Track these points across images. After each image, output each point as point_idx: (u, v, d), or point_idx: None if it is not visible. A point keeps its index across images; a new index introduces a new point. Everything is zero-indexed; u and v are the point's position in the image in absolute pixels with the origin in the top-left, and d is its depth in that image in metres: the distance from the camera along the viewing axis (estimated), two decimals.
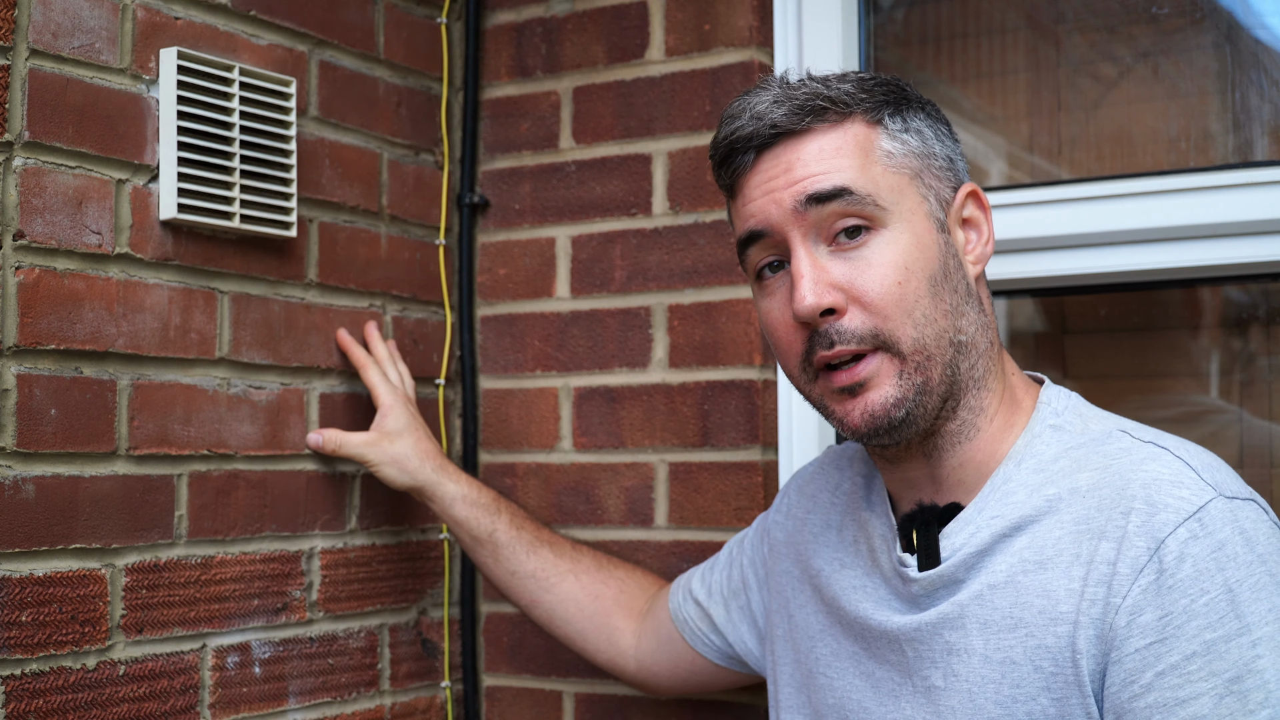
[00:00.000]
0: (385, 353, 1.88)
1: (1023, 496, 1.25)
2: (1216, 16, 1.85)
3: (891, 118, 1.28)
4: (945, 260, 1.26)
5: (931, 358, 1.24)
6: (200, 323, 1.70)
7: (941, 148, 1.31)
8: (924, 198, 1.27)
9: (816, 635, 1.42)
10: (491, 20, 2.12)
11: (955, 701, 1.24)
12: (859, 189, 1.24)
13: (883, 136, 1.27)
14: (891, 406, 1.23)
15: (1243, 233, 1.62)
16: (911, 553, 1.30)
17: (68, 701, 1.52)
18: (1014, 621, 1.21)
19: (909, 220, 1.25)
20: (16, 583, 1.48)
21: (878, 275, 1.23)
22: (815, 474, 1.54)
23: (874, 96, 1.28)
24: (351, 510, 1.90)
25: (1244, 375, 1.81)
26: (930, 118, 1.32)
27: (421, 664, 2.00)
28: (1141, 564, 1.14)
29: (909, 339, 1.23)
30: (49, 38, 1.53)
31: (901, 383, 1.23)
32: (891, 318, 1.23)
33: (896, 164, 1.27)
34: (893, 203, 1.25)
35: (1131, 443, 1.23)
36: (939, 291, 1.24)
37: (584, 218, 2.02)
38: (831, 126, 1.27)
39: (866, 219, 1.25)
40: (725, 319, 1.90)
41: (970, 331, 1.27)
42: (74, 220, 1.55)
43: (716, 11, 1.93)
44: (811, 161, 1.25)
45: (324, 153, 1.88)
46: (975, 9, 2.00)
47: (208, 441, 1.70)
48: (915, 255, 1.24)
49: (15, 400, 1.49)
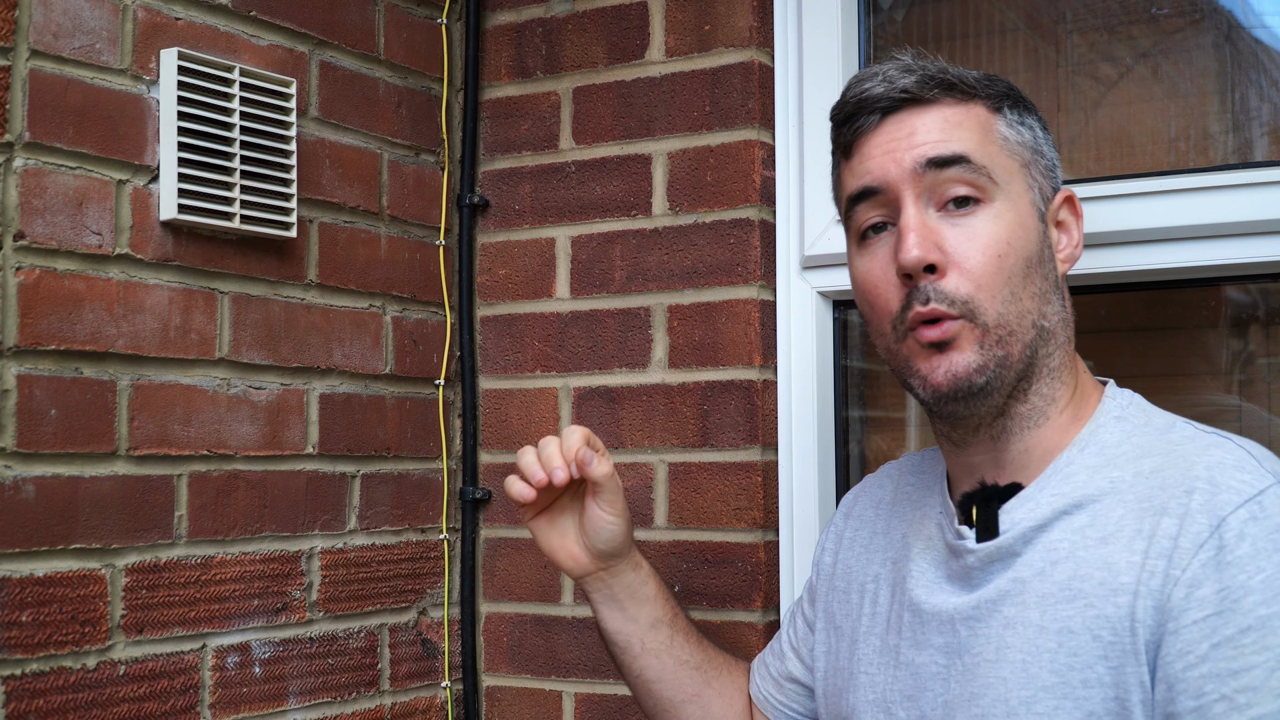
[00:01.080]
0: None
1: (1084, 478, 1.28)
2: (1216, 16, 1.85)
3: (1010, 109, 1.35)
4: (1041, 248, 1.32)
5: (1014, 334, 1.28)
6: (200, 323, 1.70)
7: (1048, 150, 1.37)
8: (1029, 186, 1.33)
9: (861, 636, 1.44)
10: (491, 20, 2.12)
11: (1007, 672, 1.25)
12: (977, 159, 1.30)
13: (1000, 123, 1.33)
14: (974, 371, 1.27)
15: (1243, 233, 1.62)
16: (970, 527, 1.33)
17: (68, 701, 1.52)
18: (1073, 593, 1.24)
19: (1016, 201, 1.31)
20: (16, 583, 1.48)
21: (980, 245, 1.28)
22: (859, 495, 1.57)
23: (996, 87, 1.35)
24: (351, 510, 1.90)
25: (1244, 375, 1.81)
26: (1040, 123, 1.38)
27: (421, 664, 2.00)
28: (1203, 539, 1.17)
29: (994, 312, 1.27)
30: (49, 38, 1.53)
31: (983, 351, 1.28)
32: (985, 287, 1.27)
33: (1011, 149, 1.33)
34: (1004, 180, 1.31)
35: (1195, 432, 1.28)
36: (1031, 274, 1.30)
37: (584, 218, 2.02)
38: (956, 102, 1.33)
39: (978, 190, 1.30)
40: (725, 319, 1.90)
41: (1053, 320, 1.32)
42: (74, 221, 1.55)
43: (716, 12, 1.93)
44: (935, 129, 1.31)
45: (324, 153, 1.88)
46: (975, 9, 2.00)
47: (208, 442, 1.70)
48: (1018, 234, 1.30)
49: (15, 400, 1.49)
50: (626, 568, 1.54)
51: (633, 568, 1.55)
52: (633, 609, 1.55)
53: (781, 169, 1.91)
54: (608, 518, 1.50)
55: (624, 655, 1.58)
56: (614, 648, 1.59)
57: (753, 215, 1.89)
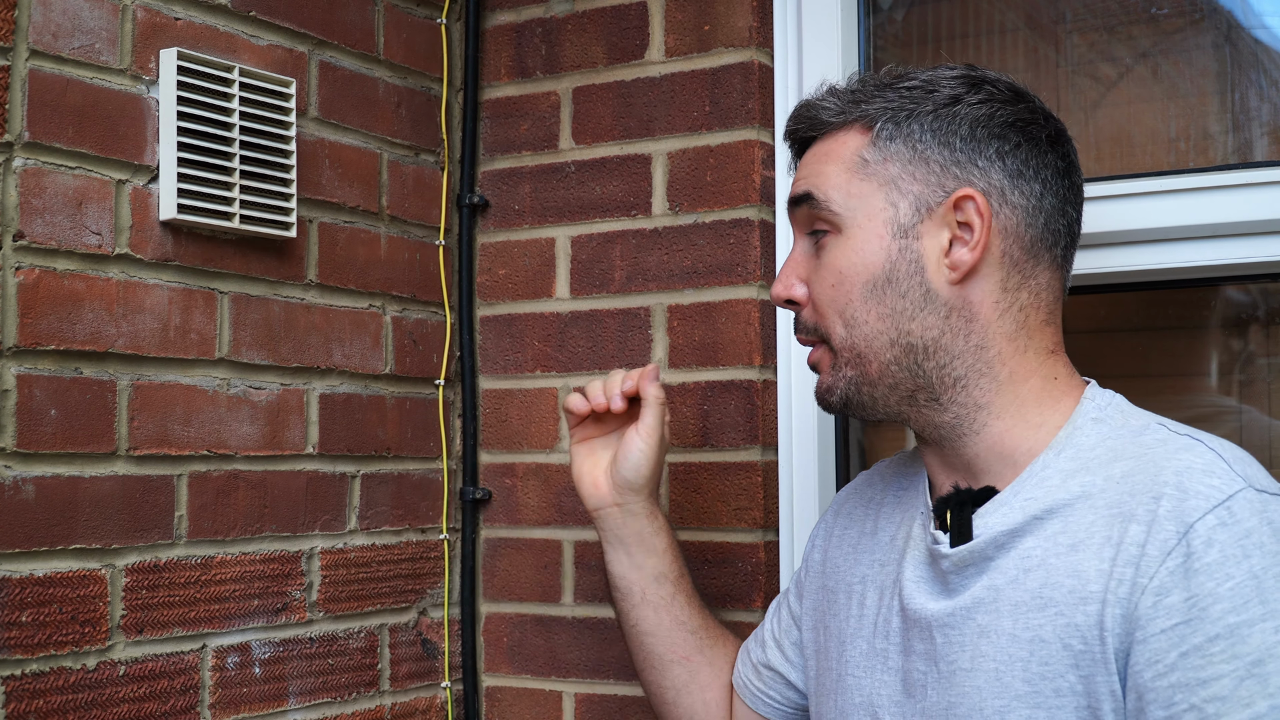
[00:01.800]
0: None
1: (1058, 482, 1.28)
2: (1216, 16, 1.85)
3: (887, 123, 1.33)
4: (894, 266, 1.31)
5: (862, 355, 1.33)
6: (200, 323, 1.70)
7: (940, 153, 1.32)
8: (890, 204, 1.32)
9: (849, 639, 1.44)
10: (491, 20, 2.12)
11: (981, 681, 1.25)
12: (818, 196, 1.35)
13: (868, 145, 1.34)
14: (826, 390, 1.37)
15: (1243, 233, 1.62)
16: (945, 531, 1.33)
17: (68, 702, 1.52)
18: (1044, 601, 1.23)
19: (860, 227, 1.33)
20: (16, 583, 1.48)
21: (820, 276, 1.35)
22: (850, 493, 1.58)
23: (876, 104, 1.35)
24: (351, 510, 1.90)
25: (1244, 375, 1.81)
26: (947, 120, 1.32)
27: (421, 664, 2.00)
28: (1170, 546, 1.16)
29: (838, 336, 1.34)
30: (49, 38, 1.53)
31: (835, 374, 1.36)
32: (825, 316, 1.35)
33: (869, 171, 1.33)
34: (848, 210, 1.33)
35: (1167, 434, 1.27)
36: (879, 296, 1.32)
37: (584, 218, 2.02)
38: (832, 133, 1.38)
39: (825, 223, 1.35)
40: (725, 319, 1.90)
41: (928, 334, 1.31)
42: (74, 221, 1.55)
43: (716, 12, 1.93)
44: (806, 165, 1.39)
45: (324, 153, 1.88)
46: (975, 9, 2.00)
47: (208, 442, 1.70)
48: (854, 261, 1.33)
49: (15, 400, 1.49)
50: (641, 511, 1.61)
51: (648, 514, 1.62)
52: (640, 556, 1.62)
53: (781, 169, 1.91)
54: (640, 442, 1.59)
55: (624, 601, 1.64)
56: (616, 592, 1.65)
57: (753, 215, 1.89)
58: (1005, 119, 1.33)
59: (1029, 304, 1.33)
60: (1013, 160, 1.32)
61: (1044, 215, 1.33)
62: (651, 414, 1.60)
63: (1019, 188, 1.32)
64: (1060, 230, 1.35)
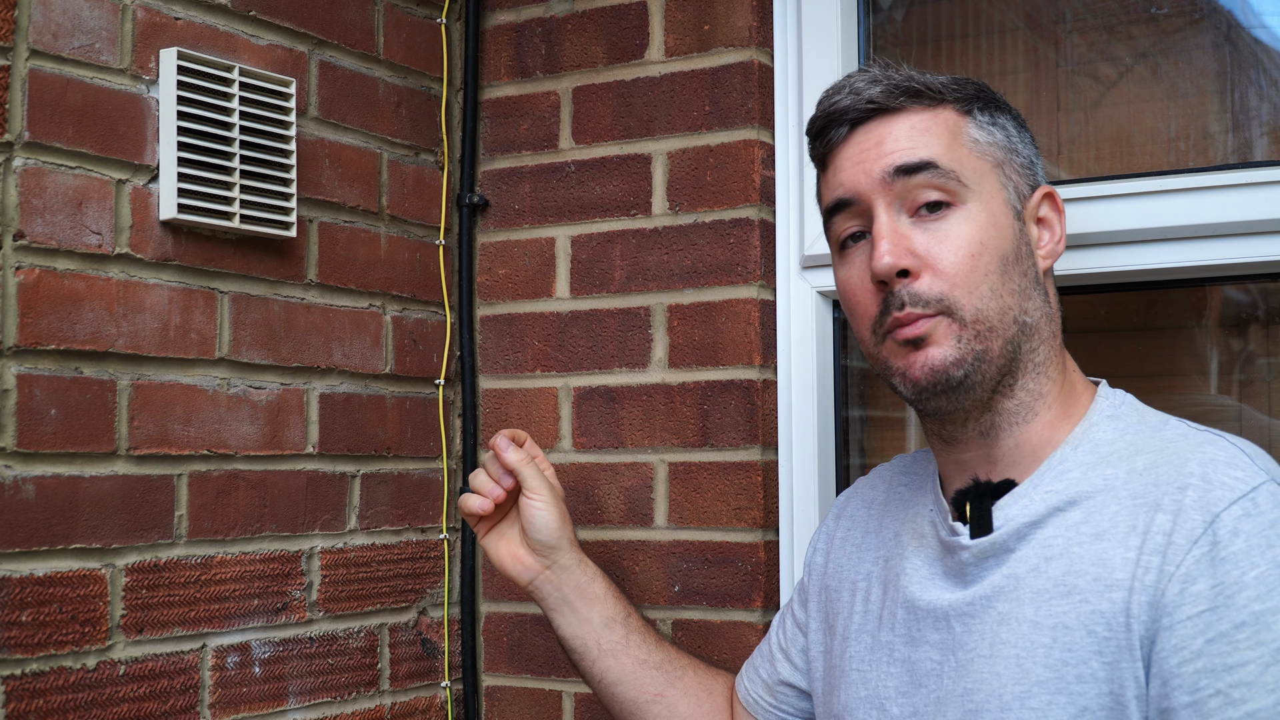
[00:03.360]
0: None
1: (1078, 474, 1.30)
2: (1216, 16, 1.85)
3: (980, 111, 1.37)
4: (1018, 245, 1.34)
5: (993, 329, 1.30)
6: (200, 323, 1.70)
7: (1024, 148, 1.39)
8: (1003, 185, 1.35)
9: (853, 635, 1.44)
10: (491, 20, 2.12)
11: (1001, 667, 1.26)
12: (944, 164, 1.32)
13: (970, 125, 1.35)
14: (951, 364, 1.29)
15: (1243, 233, 1.62)
16: (964, 524, 1.34)
17: (68, 701, 1.52)
18: (1067, 588, 1.24)
19: (988, 201, 1.33)
20: (16, 583, 1.48)
21: (953, 246, 1.31)
22: (851, 496, 1.59)
23: (965, 90, 1.37)
24: (351, 510, 1.90)
25: (1243, 375, 1.81)
26: (1015, 120, 1.40)
27: (421, 664, 2.00)
28: (1196, 535, 1.18)
29: (972, 308, 1.30)
30: (49, 38, 1.53)
31: (960, 345, 1.30)
32: (960, 285, 1.30)
33: (981, 150, 1.34)
34: (975, 182, 1.33)
35: (1188, 429, 1.30)
36: (1008, 271, 1.31)
37: (584, 218, 2.02)
38: (924, 108, 1.35)
39: (948, 194, 1.32)
40: (725, 319, 1.90)
41: (1035, 316, 1.34)
42: (74, 220, 1.56)
43: (716, 11, 1.93)
44: (902, 137, 1.34)
45: (324, 153, 1.88)
46: (975, 9, 2.00)
47: (208, 441, 1.70)
48: (990, 233, 1.31)
49: (15, 400, 1.49)
50: (571, 563, 1.61)
51: (577, 564, 1.61)
52: (584, 609, 1.60)
53: (781, 169, 1.91)
54: (535, 503, 1.59)
55: (583, 660, 1.62)
56: (573, 655, 1.63)
57: (752, 215, 1.89)
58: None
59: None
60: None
61: None
62: (528, 475, 1.61)
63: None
64: None
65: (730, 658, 1.88)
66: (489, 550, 1.65)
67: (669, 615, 1.93)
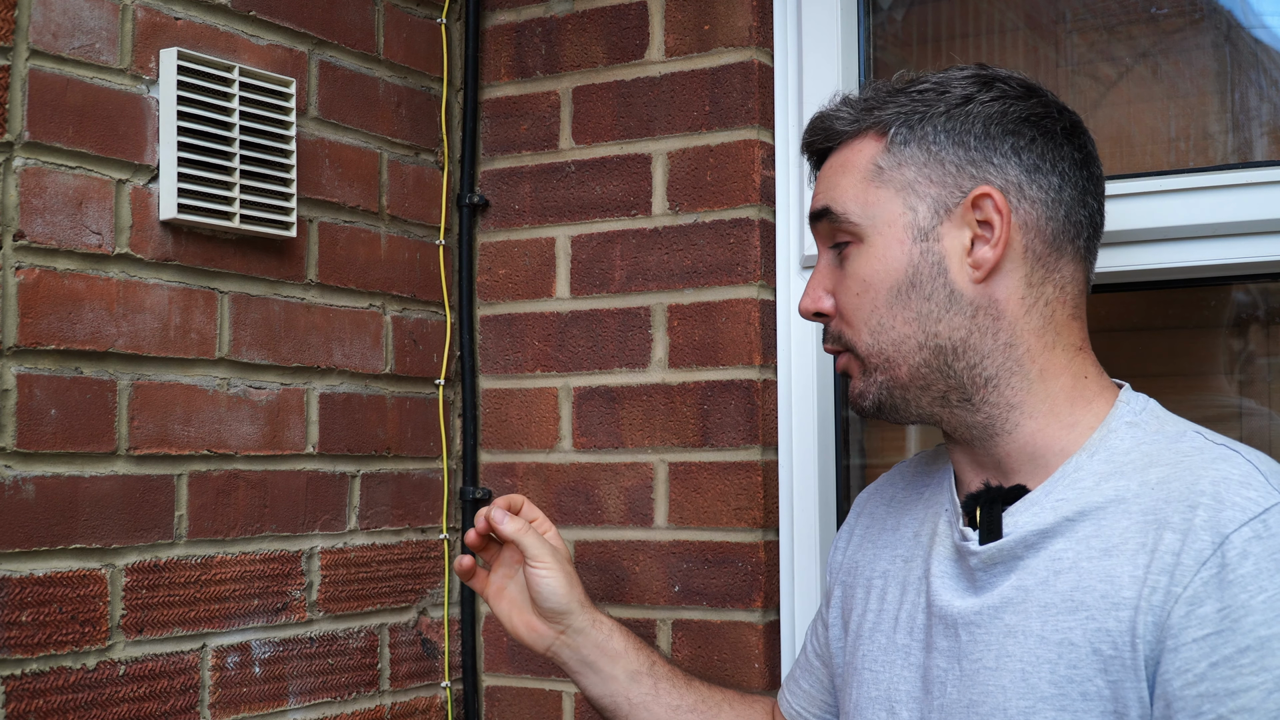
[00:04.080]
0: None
1: (1090, 484, 1.28)
2: (1216, 16, 1.85)
3: (901, 128, 1.33)
4: (917, 270, 1.32)
5: (890, 360, 1.33)
6: (200, 323, 1.70)
7: (955, 153, 1.32)
8: (909, 208, 1.32)
9: (866, 633, 1.43)
10: (491, 20, 2.12)
11: (1006, 680, 1.25)
12: (836, 209, 1.35)
13: (881, 152, 1.34)
14: (858, 395, 1.37)
15: (1243, 233, 1.62)
16: (974, 529, 1.33)
17: (68, 701, 1.52)
18: (1075, 604, 1.23)
19: (880, 234, 1.33)
20: (16, 583, 1.48)
21: (845, 287, 1.36)
22: (873, 493, 1.58)
23: (899, 107, 1.34)
24: (351, 510, 1.90)
25: (1244, 375, 1.81)
26: (960, 120, 1.32)
27: (421, 664, 2.00)
28: (1205, 556, 1.16)
29: (864, 344, 1.35)
30: (49, 38, 1.53)
31: (865, 379, 1.36)
32: (851, 324, 1.35)
33: (885, 178, 1.33)
34: (867, 219, 1.33)
35: (1204, 442, 1.27)
36: (904, 301, 1.32)
37: (584, 218, 2.02)
38: (847, 143, 1.37)
39: (847, 234, 1.35)
40: (725, 319, 1.90)
41: (956, 335, 1.31)
42: (74, 220, 1.56)
43: (716, 12, 1.93)
44: (824, 179, 1.39)
45: (324, 153, 1.88)
46: (975, 9, 2.00)
47: (208, 441, 1.70)
48: (877, 268, 1.33)
49: (15, 400, 1.49)
50: (585, 625, 1.55)
51: (592, 624, 1.56)
52: (606, 667, 1.56)
53: (781, 169, 1.91)
54: (540, 572, 1.53)
55: (616, 717, 1.58)
56: (605, 713, 1.60)
57: (753, 215, 1.89)
58: (1019, 114, 1.33)
59: (1054, 298, 1.33)
60: (1029, 155, 1.32)
61: (1064, 207, 1.32)
62: (529, 544, 1.53)
63: (1036, 182, 1.31)
64: (1081, 222, 1.34)
65: (730, 658, 1.88)
66: (505, 621, 1.60)
67: (669, 615, 1.93)
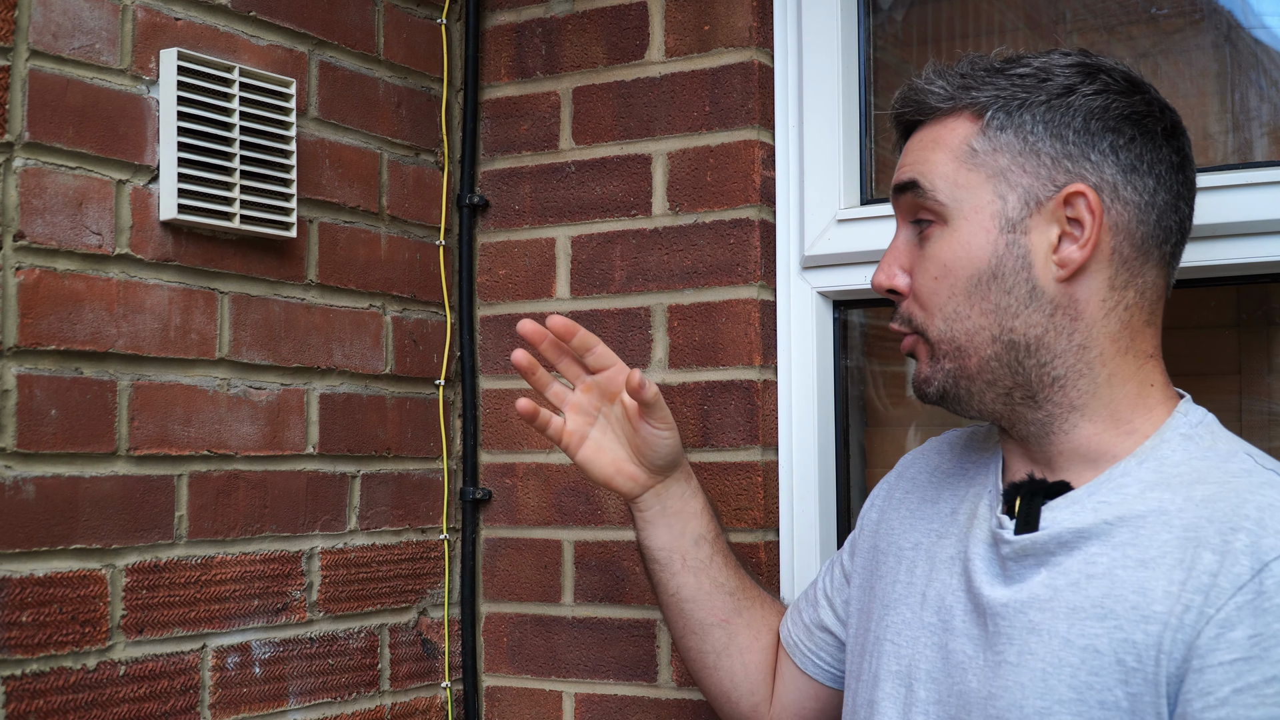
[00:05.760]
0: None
1: (1135, 492, 1.26)
2: (1216, 17, 1.85)
3: (998, 113, 1.30)
4: (1000, 262, 1.29)
5: (962, 349, 1.31)
6: (200, 323, 1.70)
7: (1053, 145, 1.29)
8: (999, 196, 1.29)
9: (892, 604, 1.42)
10: (491, 21, 2.12)
11: (1026, 678, 1.24)
12: (924, 184, 1.32)
13: (977, 134, 1.31)
14: (922, 381, 1.35)
15: (1243, 233, 1.62)
16: (1012, 517, 1.32)
17: (68, 702, 1.52)
18: (1104, 612, 1.22)
19: (967, 219, 1.30)
20: (16, 583, 1.48)
21: (923, 268, 1.33)
22: (916, 458, 1.56)
23: (986, 92, 1.31)
24: (351, 510, 1.90)
25: (1244, 375, 1.81)
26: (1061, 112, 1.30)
27: (421, 664, 2.00)
28: (1242, 581, 1.15)
29: (935, 330, 1.32)
30: (49, 38, 1.53)
31: (932, 365, 1.34)
32: (926, 308, 1.33)
33: (978, 161, 1.30)
34: (955, 200, 1.31)
35: (1254, 465, 1.25)
36: (983, 291, 1.30)
37: (584, 218, 2.02)
38: (945, 116, 1.34)
39: (931, 213, 1.33)
40: (725, 319, 1.90)
41: (1031, 332, 1.29)
42: (74, 221, 1.56)
43: (716, 12, 1.93)
44: (913, 150, 1.36)
45: (324, 153, 1.88)
46: (975, 9, 2.00)
47: (208, 442, 1.70)
48: (959, 254, 1.30)
49: (15, 401, 1.49)
50: (681, 476, 1.60)
51: (685, 477, 1.61)
52: (679, 523, 1.60)
53: (781, 169, 1.91)
54: (662, 433, 1.56)
55: (664, 572, 1.61)
56: (654, 564, 1.62)
57: (753, 215, 1.89)
58: (1121, 111, 1.29)
59: (1134, 303, 1.31)
60: (1127, 154, 1.29)
61: (1156, 211, 1.30)
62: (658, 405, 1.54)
63: (1132, 183, 1.29)
64: (1171, 227, 1.31)
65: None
66: (587, 464, 1.59)
67: None
